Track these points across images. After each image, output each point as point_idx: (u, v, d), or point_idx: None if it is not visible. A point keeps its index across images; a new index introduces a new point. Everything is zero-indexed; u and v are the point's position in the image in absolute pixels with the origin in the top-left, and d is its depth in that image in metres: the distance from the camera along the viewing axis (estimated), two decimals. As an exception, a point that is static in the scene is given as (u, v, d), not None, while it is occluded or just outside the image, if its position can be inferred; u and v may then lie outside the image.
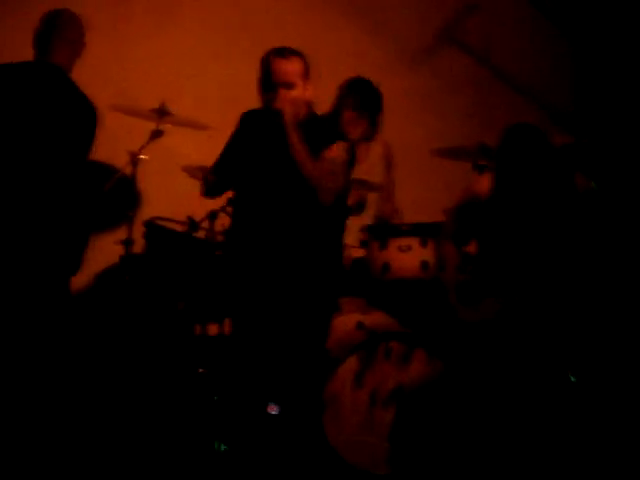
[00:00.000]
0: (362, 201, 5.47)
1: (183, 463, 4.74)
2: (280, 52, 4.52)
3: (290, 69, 4.49)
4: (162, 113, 5.46)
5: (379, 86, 5.57)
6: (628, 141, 6.28)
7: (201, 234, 5.44)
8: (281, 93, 4.46)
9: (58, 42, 4.87)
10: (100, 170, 5.59)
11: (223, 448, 4.70)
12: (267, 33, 6.23)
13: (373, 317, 5.14)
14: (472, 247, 4.99)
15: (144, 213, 5.72)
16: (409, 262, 5.14)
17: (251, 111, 4.69)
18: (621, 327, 4.83)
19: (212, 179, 4.71)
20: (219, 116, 5.57)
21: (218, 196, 4.86)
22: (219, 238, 5.37)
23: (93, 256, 5.27)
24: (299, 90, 4.50)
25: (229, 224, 4.92)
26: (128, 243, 5.42)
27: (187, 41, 6.29)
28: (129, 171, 5.47)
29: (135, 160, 5.42)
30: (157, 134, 5.45)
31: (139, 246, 5.45)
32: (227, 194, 4.87)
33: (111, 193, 5.42)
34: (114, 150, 5.43)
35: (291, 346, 4.47)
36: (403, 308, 5.19)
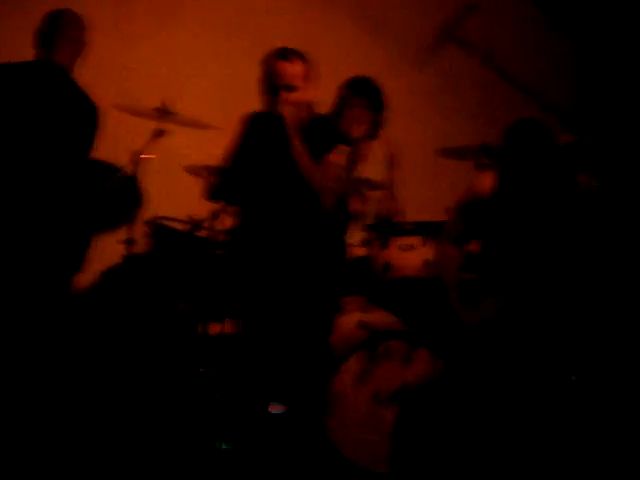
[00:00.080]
0: (361, 213, 5.45)
1: (185, 462, 4.74)
2: (282, 54, 4.51)
3: (292, 72, 4.48)
4: (164, 112, 5.45)
5: (381, 85, 5.58)
6: (631, 140, 6.27)
7: (203, 233, 5.43)
8: (282, 96, 4.45)
9: (60, 42, 4.88)
10: (102, 169, 5.58)
11: (225, 447, 4.71)
12: (269, 32, 6.24)
13: (375, 316, 5.13)
14: (474, 246, 5.00)
15: (146, 213, 5.71)
16: (411, 261, 5.14)
17: (253, 113, 4.68)
18: (624, 327, 4.83)
19: (217, 184, 4.70)
20: (221, 115, 5.57)
21: (223, 201, 4.86)
22: (221, 237, 5.36)
23: (95, 256, 5.28)
24: (301, 92, 4.49)
25: (234, 225, 4.93)
26: (130, 243, 5.43)
27: (189, 40, 6.30)
28: (131, 170, 5.47)
29: (137, 159, 5.42)
30: (159, 133, 5.44)
31: (141, 246, 5.45)
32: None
33: (113, 192, 5.42)
34: (116, 149, 5.42)
35: (294, 345, 4.47)
36: (405, 307, 5.19)
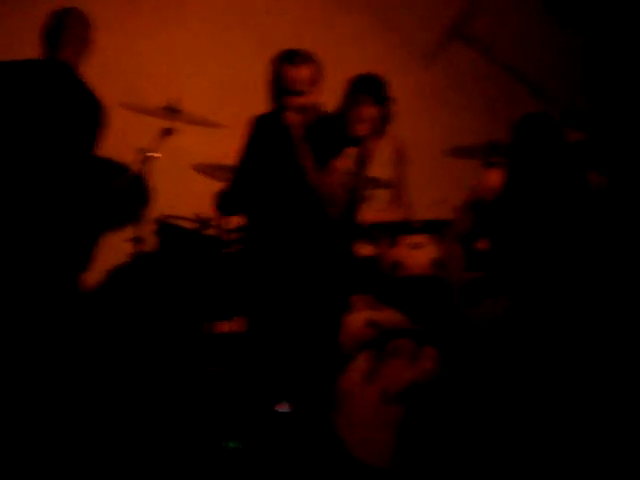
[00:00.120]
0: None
1: (192, 461, 4.74)
2: (289, 58, 4.47)
3: (298, 77, 4.46)
4: (172, 111, 5.45)
5: (387, 82, 5.57)
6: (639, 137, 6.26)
7: (211, 232, 5.44)
8: (289, 101, 4.43)
9: (66, 40, 4.88)
10: (109, 168, 5.58)
11: (232, 446, 4.71)
12: (276, 31, 6.24)
13: (383, 314, 5.12)
14: (482, 244, 4.99)
15: (154, 211, 5.71)
16: (420, 259, 5.13)
17: (259, 117, 4.67)
18: (633, 326, 4.81)
19: (227, 196, 4.69)
20: (229, 114, 5.58)
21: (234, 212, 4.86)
22: (229, 236, 5.36)
23: (103, 254, 5.28)
24: (307, 96, 4.47)
25: (243, 226, 4.93)
26: (138, 241, 5.43)
27: (195, 38, 6.30)
28: (139, 169, 5.47)
29: (144, 158, 5.42)
30: (167, 132, 5.44)
31: (149, 244, 5.45)
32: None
33: (120, 191, 5.42)
34: (123, 148, 5.42)
35: (303, 343, 4.47)
36: (414, 305, 5.18)
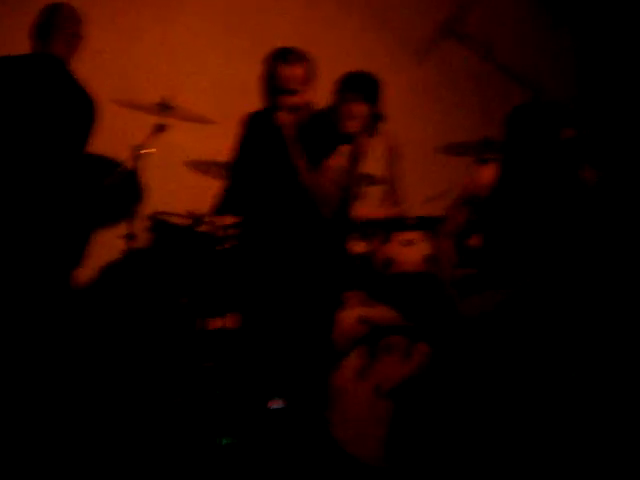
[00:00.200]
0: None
1: (186, 457, 4.74)
2: (283, 57, 4.46)
3: (292, 76, 4.44)
4: (165, 107, 5.44)
5: (379, 79, 5.58)
6: (632, 134, 6.27)
7: (204, 228, 5.43)
8: (281, 100, 4.43)
9: (57, 35, 4.88)
10: (102, 164, 5.58)
11: (226, 442, 4.71)
12: (269, 28, 6.25)
13: (376, 311, 5.13)
14: (474, 241, 4.99)
15: (147, 208, 5.71)
16: (412, 256, 5.14)
17: (252, 114, 4.66)
18: (627, 323, 4.82)
19: (223, 199, 4.70)
20: (221, 110, 5.58)
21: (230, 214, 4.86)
22: (222, 233, 5.36)
23: (96, 251, 5.28)
24: (301, 95, 4.46)
25: (236, 223, 4.93)
26: (131, 238, 5.43)
27: (189, 35, 6.29)
28: (132, 165, 5.46)
29: (138, 154, 5.42)
30: (159, 128, 5.44)
31: (142, 241, 5.44)
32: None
33: (113, 187, 5.42)
34: (116, 144, 5.42)
35: (296, 340, 4.47)
36: (406, 302, 5.19)
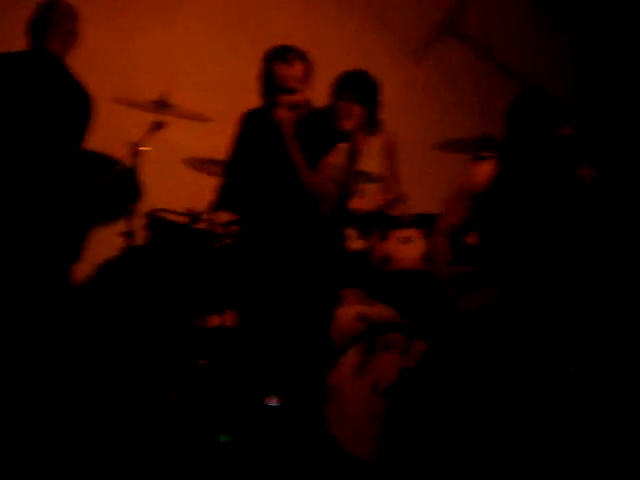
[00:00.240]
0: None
1: (184, 454, 4.75)
2: (282, 55, 4.44)
3: (291, 75, 4.43)
4: (162, 105, 5.45)
5: (376, 78, 5.59)
6: (630, 134, 6.28)
7: (202, 226, 5.43)
8: (280, 99, 4.42)
9: (53, 32, 4.89)
10: (100, 162, 5.58)
11: (223, 439, 4.71)
12: (267, 25, 6.24)
13: (374, 308, 5.13)
14: (471, 238, 4.99)
15: (145, 205, 5.71)
16: (410, 253, 5.14)
17: (250, 112, 4.66)
18: (622, 320, 4.83)
19: (220, 196, 4.69)
20: (219, 107, 5.58)
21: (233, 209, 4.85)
22: (220, 230, 5.36)
23: (94, 248, 5.29)
24: (299, 94, 4.46)
25: (234, 221, 4.94)
26: (129, 235, 5.43)
27: (187, 33, 6.28)
28: (129, 163, 5.47)
29: (135, 152, 5.42)
30: (157, 126, 5.44)
31: (140, 238, 5.45)
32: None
33: (111, 185, 5.42)
34: (114, 142, 5.43)
35: (294, 337, 4.47)
36: (403, 299, 5.19)
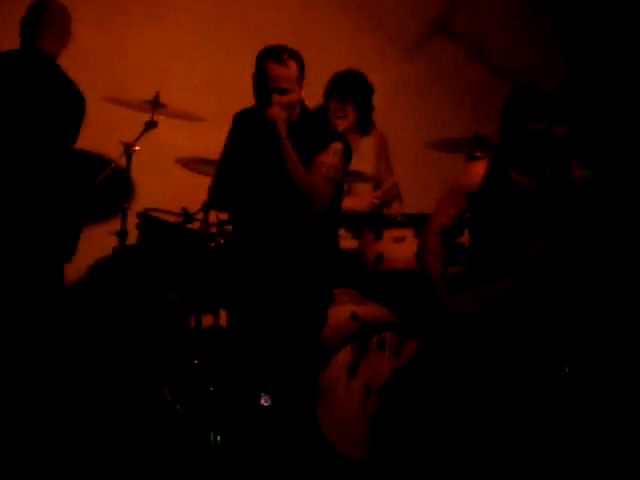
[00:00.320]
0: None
1: (178, 454, 4.75)
2: (275, 56, 4.42)
3: (285, 75, 4.41)
4: (156, 104, 5.45)
5: (369, 78, 5.60)
6: (623, 134, 6.28)
7: (195, 225, 5.43)
8: (274, 99, 4.41)
9: (45, 31, 4.88)
10: (93, 161, 5.58)
11: (215, 439, 4.71)
12: (260, 25, 6.22)
13: (367, 308, 5.13)
14: (463, 238, 5.00)
15: (138, 205, 5.71)
16: (403, 253, 5.14)
17: (243, 111, 4.65)
18: (618, 320, 4.84)
19: (214, 194, 4.68)
20: (213, 107, 5.58)
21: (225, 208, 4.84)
22: (213, 230, 5.36)
23: (86, 248, 5.28)
24: (292, 94, 4.45)
25: (226, 220, 4.93)
26: (122, 235, 5.42)
27: (180, 32, 6.26)
28: (123, 163, 5.46)
29: (129, 151, 5.42)
30: (151, 125, 5.44)
31: (132, 238, 5.44)
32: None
33: (104, 185, 5.42)
34: (107, 141, 5.43)
35: (286, 336, 4.46)
36: (397, 299, 5.19)
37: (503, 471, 4.38)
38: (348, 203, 5.03)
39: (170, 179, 5.87)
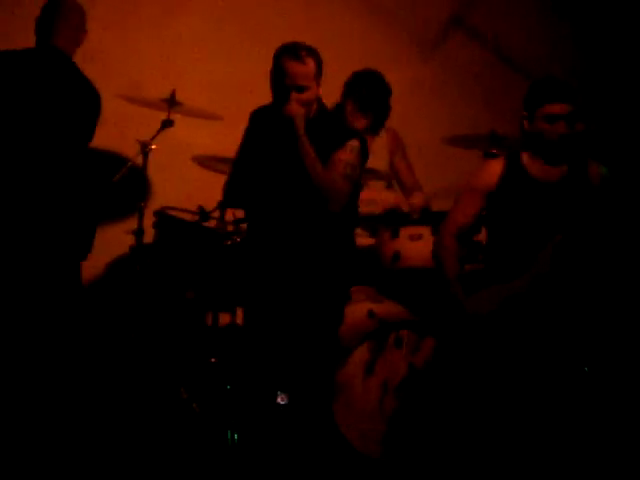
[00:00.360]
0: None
1: (195, 453, 4.75)
2: (293, 53, 4.41)
3: (303, 72, 4.40)
4: (172, 103, 5.46)
5: (386, 77, 5.59)
6: (633, 128, 6.27)
7: (212, 224, 5.43)
8: (292, 96, 4.41)
9: (61, 27, 4.90)
10: (110, 160, 5.59)
11: (232, 437, 4.71)
12: (277, 22, 6.22)
13: (384, 306, 5.13)
14: (480, 236, 4.99)
15: (154, 203, 5.72)
16: (420, 251, 5.13)
17: (261, 109, 4.65)
18: (634, 318, 4.82)
19: (230, 190, 4.68)
20: (229, 105, 5.58)
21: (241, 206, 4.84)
22: (229, 228, 5.37)
23: (103, 246, 5.29)
24: (310, 91, 4.45)
25: (243, 218, 4.94)
26: (139, 233, 5.43)
27: (196, 30, 6.27)
28: (139, 161, 5.47)
29: (145, 150, 5.43)
30: (167, 124, 5.45)
31: (149, 236, 5.45)
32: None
33: (121, 183, 5.42)
34: (124, 140, 5.44)
35: (303, 334, 4.46)
36: (414, 297, 5.18)
37: (521, 471, 4.37)
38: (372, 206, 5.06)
39: (186, 177, 5.88)
